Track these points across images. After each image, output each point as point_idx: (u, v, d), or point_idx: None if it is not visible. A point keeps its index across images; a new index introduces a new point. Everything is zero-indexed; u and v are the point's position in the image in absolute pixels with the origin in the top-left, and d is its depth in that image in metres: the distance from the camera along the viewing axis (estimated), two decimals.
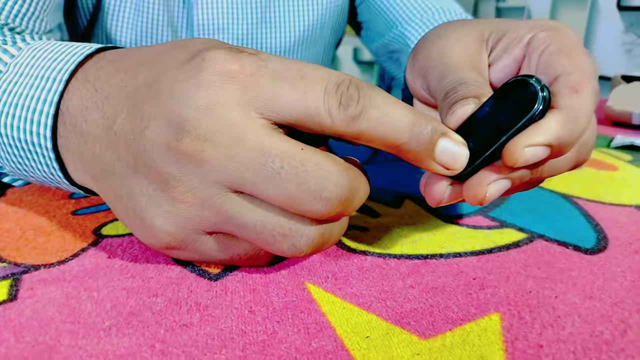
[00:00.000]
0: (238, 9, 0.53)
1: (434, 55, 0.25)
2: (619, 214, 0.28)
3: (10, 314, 0.18)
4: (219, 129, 0.17)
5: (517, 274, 0.21)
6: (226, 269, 0.21)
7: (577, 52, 0.21)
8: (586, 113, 0.19)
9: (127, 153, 0.19)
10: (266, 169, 0.17)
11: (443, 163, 0.18)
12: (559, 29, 0.23)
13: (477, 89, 0.21)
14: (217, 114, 0.17)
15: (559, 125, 0.18)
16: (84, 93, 0.21)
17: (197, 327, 0.17)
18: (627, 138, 0.46)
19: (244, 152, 0.17)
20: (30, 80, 0.23)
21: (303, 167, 0.17)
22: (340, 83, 0.17)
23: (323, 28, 0.60)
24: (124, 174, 0.19)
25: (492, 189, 0.19)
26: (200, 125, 0.17)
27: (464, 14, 0.54)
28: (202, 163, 0.17)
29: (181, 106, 0.17)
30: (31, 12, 0.37)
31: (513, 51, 0.24)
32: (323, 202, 0.17)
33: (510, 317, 0.18)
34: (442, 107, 0.22)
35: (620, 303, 0.19)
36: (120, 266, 0.21)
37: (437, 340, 0.17)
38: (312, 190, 0.17)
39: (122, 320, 0.17)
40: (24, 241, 0.23)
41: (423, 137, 0.18)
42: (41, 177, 0.24)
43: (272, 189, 0.17)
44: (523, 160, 0.18)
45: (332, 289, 0.20)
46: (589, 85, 0.19)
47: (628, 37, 1.24)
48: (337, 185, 0.17)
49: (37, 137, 0.22)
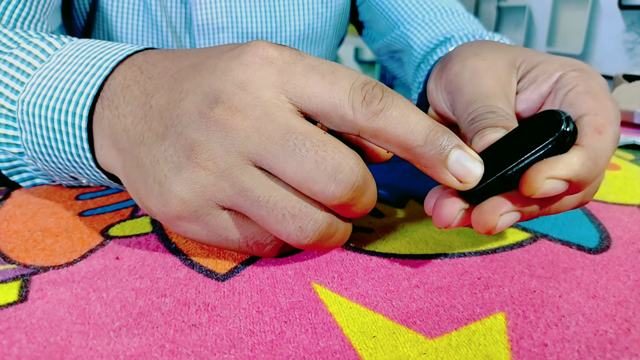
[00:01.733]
0: (237, 8, 0.54)
1: (466, 75, 0.25)
2: (622, 213, 0.28)
3: (22, 315, 0.18)
4: (250, 103, 0.18)
5: (521, 273, 0.21)
6: (233, 270, 0.21)
7: (603, 95, 0.21)
8: (607, 155, 0.19)
9: (159, 123, 0.20)
10: (289, 143, 0.18)
11: (455, 173, 0.18)
12: (589, 71, 0.24)
13: (507, 121, 0.21)
14: (252, 90, 0.18)
15: (581, 162, 0.18)
16: (129, 73, 0.22)
17: (206, 327, 0.17)
18: (629, 137, 0.46)
19: (270, 126, 0.18)
20: (75, 67, 0.24)
21: (324, 146, 0.18)
22: (367, 82, 0.19)
23: (325, 27, 0.60)
24: (153, 142, 0.20)
25: (505, 219, 0.19)
26: (234, 97, 0.18)
27: (466, 14, 0.54)
28: (230, 132, 0.18)
29: (220, 80, 0.19)
30: (32, 15, 0.37)
31: (541, 85, 0.24)
32: (337, 183, 0.18)
33: (515, 317, 0.18)
34: (467, 130, 0.22)
35: (623, 302, 0.19)
36: (128, 267, 0.21)
37: (443, 339, 0.17)
38: (328, 170, 0.18)
39: (131, 321, 0.18)
40: (32, 242, 0.24)
41: (438, 143, 0.18)
42: (65, 163, 0.25)
43: (292, 163, 0.18)
44: (542, 192, 0.18)
45: (338, 289, 0.20)
46: (612, 130, 0.20)
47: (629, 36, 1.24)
48: (352, 170, 0.18)
49: (73, 116, 0.23)
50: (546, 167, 0.18)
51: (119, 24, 0.50)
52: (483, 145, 0.20)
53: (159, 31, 0.52)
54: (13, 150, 0.26)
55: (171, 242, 0.24)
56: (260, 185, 0.19)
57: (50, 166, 0.26)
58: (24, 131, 0.25)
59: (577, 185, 0.18)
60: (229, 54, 0.19)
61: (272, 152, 0.18)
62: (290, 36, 0.57)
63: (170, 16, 0.52)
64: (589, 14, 1.36)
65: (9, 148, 0.26)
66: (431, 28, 0.52)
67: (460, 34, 0.49)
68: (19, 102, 0.24)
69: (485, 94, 0.23)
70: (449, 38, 0.50)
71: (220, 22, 0.53)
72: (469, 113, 0.23)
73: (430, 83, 0.29)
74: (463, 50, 0.28)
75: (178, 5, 0.51)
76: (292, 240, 0.19)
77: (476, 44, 0.29)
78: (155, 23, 0.51)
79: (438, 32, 0.52)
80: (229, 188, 0.19)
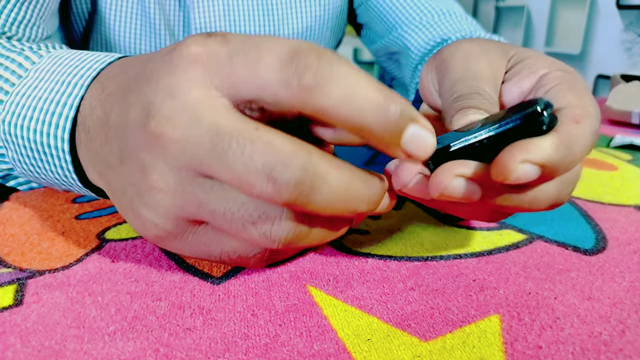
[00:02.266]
0: (235, 11, 0.54)
1: (458, 55, 0.25)
2: (618, 214, 0.28)
3: (17, 319, 0.18)
4: (179, 111, 0.16)
5: (516, 275, 0.21)
6: (228, 273, 0.21)
7: (585, 93, 0.21)
8: (582, 142, 0.18)
9: (117, 146, 0.19)
10: (217, 147, 0.16)
11: (409, 151, 0.17)
12: (574, 73, 0.24)
13: (490, 105, 0.21)
14: (179, 95, 0.17)
15: (555, 146, 0.17)
16: (94, 93, 0.22)
17: (201, 331, 0.17)
18: (627, 137, 0.46)
19: (198, 131, 0.16)
20: (51, 85, 0.23)
21: (251, 145, 0.15)
22: (298, 51, 0.16)
23: (322, 29, 0.60)
24: (116, 166, 0.19)
25: (458, 183, 0.17)
26: (163, 107, 0.17)
27: (464, 15, 0.54)
28: (166, 146, 0.16)
29: (152, 90, 0.17)
30: (27, 19, 0.37)
31: (523, 80, 0.24)
32: (272, 183, 0.15)
33: (510, 319, 0.18)
34: (449, 106, 0.22)
35: (618, 304, 0.19)
36: (124, 270, 0.21)
37: (437, 342, 0.17)
38: (259, 170, 0.15)
39: (126, 325, 0.18)
40: (28, 246, 0.24)
41: (390, 121, 0.16)
42: (54, 180, 0.24)
43: (223, 169, 0.16)
44: (515, 177, 0.16)
45: (333, 292, 0.20)
46: (590, 122, 0.19)
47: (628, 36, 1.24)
48: (285, 165, 0.15)
49: (55, 139, 0.22)
50: (520, 150, 0.16)
51: (117, 28, 0.50)
52: (463, 124, 0.20)
53: (157, 35, 0.52)
54: (2, 167, 0.26)
55: None
56: (214, 197, 0.17)
57: (42, 180, 0.26)
58: (9, 150, 0.24)
59: (552, 170, 0.17)
60: (162, 59, 0.18)
61: (205, 161, 0.16)
62: (289, 37, 0.58)
63: (169, 19, 0.52)
64: (587, 14, 1.36)
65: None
66: (428, 30, 0.53)
67: (458, 36, 0.49)
68: (0, 122, 0.24)
69: (474, 75, 0.23)
70: (446, 40, 0.50)
71: (218, 25, 0.53)
72: (454, 91, 0.22)
73: (423, 71, 0.29)
74: (459, 41, 0.28)
75: (176, 9, 0.52)
76: (264, 246, 0.18)
77: (472, 38, 0.29)
78: (154, 27, 0.51)
79: (435, 34, 0.52)
80: (187, 205, 0.17)
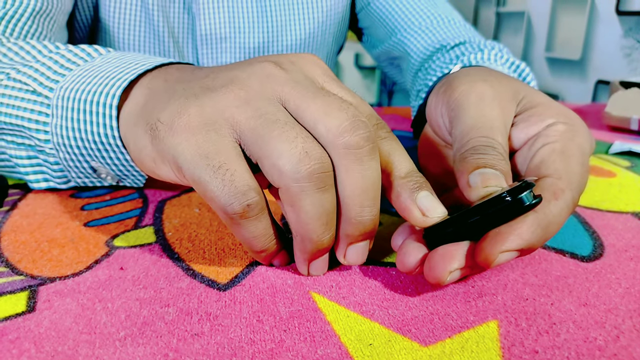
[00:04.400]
0: (240, 18, 0.55)
1: (472, 98, 0.25)
2: (616, 221, 0.29)
3: (30, 325, 0.19)
4: (293, 69, 0.23)
5: (514, 281, 0.22)
6: (234, 279, 0.22)
7: (575, 159, 0.22)
8: (558, 222, 0.20)
9: (205, 72, 0.23)
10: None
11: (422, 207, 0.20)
12: (577, 128, 0.24)
13: (503, 162, 0.21)
14: (297, 64, 0.23)
15: (531, 232, 0.19)
16: (155, 73, 0.25)
17: (208, 337, 0.18)
18: (626, 144, 0.46)
19: (301, 77, 0.22)
20: (119, 63, 0.26)
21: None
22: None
23: (324, 35, 0.61)
24: (192, 79, 0.23)
25: (455, 275, 0.19)
26: (285, 62, 0.23)
27: (462, 22, 0.55)
28: (270, 76, 0.22)
29: (277, 56, 0.23)
30: (39, 31, 0.38)
31: (530, 127, 0.25)
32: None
33: (508, 324, 0.19)
34: (465, 158, 0.22)
35: (613, 309, 0.20)
36: (133, 277, 0.22)
37: (436, 347, 0.17)
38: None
39: (136, 330, 0.18)
40: (39, 253, 0.24)
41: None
42: (90, 144, 0.26)
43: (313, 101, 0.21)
44: (496, 264, 0.19)
45: (336, 297, 0.20)
46: (570, 195, 0.21)
47: (627, 42, 1.25)
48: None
49: (106, 96, 0.25)
50: (499, 241, 0.18)
51: (121, 36, 0.51)
52: (480, 188, 0.20)
53: (161, 42, 0.53)
54: (40, 137, 0.28)
55: (174, 252, 0.24)
56: (284, 117, 0.20)
57: (74, 153, 0.28)
58: (55, 117, 0.27)
59: (528, 251, 0.19)
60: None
61: (299, 94, 0.21)
62: (291, 45, 0.58)
63: (173, 26, 0.53)
64: (587, 20, 1.37)
65: (37, 134, 0.28)
66: (427, 35, 0.53)
67: (456, 41, 0.50)
68: (58, 89, 0.27)
69: (489, 124, 0.23)
70: (445, 45, 0.50)
71: (223, 32, 0.54)
72: (470, 138, 0.23)
73: (431, 97, 0.29)
74: (470, 72, 0.28)
75: (181, 16, 0.52)
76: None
77: (483, 70, 0.29)
78: (157, 34, 0.52)
79: (434, 39, 0.53)
80: (252, 111, 0.20)
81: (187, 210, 0.30)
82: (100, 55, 0.28)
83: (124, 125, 0.24)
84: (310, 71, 0.23)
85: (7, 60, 0.30)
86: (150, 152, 0.22)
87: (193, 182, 0.20)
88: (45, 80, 0.28)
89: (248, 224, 0.20)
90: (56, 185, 0.31)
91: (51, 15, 0.40)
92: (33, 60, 0.29)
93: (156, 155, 0.21)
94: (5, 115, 0.28)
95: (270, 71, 0.21)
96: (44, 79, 0.28)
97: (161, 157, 0.21)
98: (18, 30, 0.37)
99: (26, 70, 0.28)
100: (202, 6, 0.52)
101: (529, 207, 0.19)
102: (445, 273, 0.19)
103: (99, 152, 0.27)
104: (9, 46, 0.31)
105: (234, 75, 0.22)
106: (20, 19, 0.36)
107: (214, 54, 0.55)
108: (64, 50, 0.29)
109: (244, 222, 0.20)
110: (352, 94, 0.23)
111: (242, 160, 0.20)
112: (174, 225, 0.28)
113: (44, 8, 0.39)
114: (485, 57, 0.42)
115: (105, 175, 0.30)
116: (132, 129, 0.23)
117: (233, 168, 0.19)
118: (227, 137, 0.20)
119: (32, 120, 0.27)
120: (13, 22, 0.36)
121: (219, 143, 0.20)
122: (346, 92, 0.23)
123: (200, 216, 0.29)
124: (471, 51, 0.45)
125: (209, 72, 0.23)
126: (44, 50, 0.30)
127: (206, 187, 0.19)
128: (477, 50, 0.45)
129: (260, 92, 0.21)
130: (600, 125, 0.58)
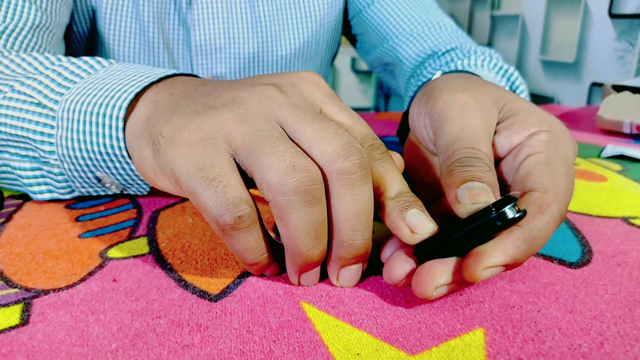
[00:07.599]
0: (234, 29, 0.55)
1: (455, 108, 0.25)
2: (605, 226, 0.29)
3: (24, 338, 0.19)
4: (294, 93, 0.23)
5: (502, 288, 0.22)
6: (225, 290, 0.22)
7: (561, 170, 0.22)
8: (544, 236, 0.20)
9: (209, 88, 0.24)
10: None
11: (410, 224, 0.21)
12: (560, 137, 0.24)
13: (489, 173, 0.21)
14: (299, 88, 0.24)
15: (516, 247, 0.19)
16: (159, 86, 0.26)
17: (198, 348, 0.18)
18: (617, 148, 0.47)
19: (299, 99, 0.23)
20: (123, 76, 0.27)
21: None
22: None
23: (318, 44, 0.61)
24: (196, 96, 0.23)
25: (441, 291, 0.20)
26: (288, 87, 0.24)
27: (454, 28, 0.56)
28: (271, 98, 0.22)
29: (276, 76, 0.25)
30: (39, 44, 0.38)
31: (513, 136, 0.25)
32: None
33: (494, 332, 0.19)
34: (451, 171, 0.22)
35: (599, 316, 0.20)
36: (125, 289, 0.22)
37: (423, 356, 0.18)
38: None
39: (127, 342, 0.18)
40: (34, 265, 0.24)
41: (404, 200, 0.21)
42: (95, 154, 0.27)
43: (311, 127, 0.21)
44: (482, 279, 0.19)
45: (326, 307, 0.21)
46: (556, 209, 0.21)
47: (620, 45, 1.26)
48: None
49: (112, 108, 0.25)
50: (484, 258, 0.19)
51: (116, 47, 0.52)
52: (468, 202, 0.20)
53: (155, 53, 0.53)
54: (45, 148, 0.28)
55: (167, 262, 0.25)
56: (277, 134, 0.20)
57: (78, 163, 0.28)
58: (60, 128, 0.27)
59: (513, 265, 0.20)
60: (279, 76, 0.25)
61: (294, 116, 0.21)
62: (286, 55, 0.59)
63: (168, 38, 0.53)
64: (581, 23, 1.38)
65: (41, 145, 0.28)
66: (419, 42, 0.54)
67: (447, 47, 0.50)
68: (63, 101, 0.27)
69: (473, 134, 0.23)
70: (436, 52, 0.51)
71: (218, 42, 0.54)
72: (454, 150, 0.23)
73: (413, 107, 0.29)
74: (451, 82, 0.28)
75: (176, 27, 0.53)
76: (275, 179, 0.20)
77: (463, 78, 0.29)
78: (152, 45, 0.53)
79: (426, 45, 0.53)
80: (248, 128, 0.20)
81: (180, 220, 0.30)
82: (104, 68, 0.29)
83: (129, 136, 0.25)
84: (310, 93, 0.24)
85: (9, 72, 0.31)
86: (151, 164, 0.22)
87: (188, 193, 0.20)
88: (49, 92, 0.28)
89: (239, 236, 0.20)
90: (60, 196, 0.32)
91: (50, 29, 0.41)
92: (37, 73, 0.29)
93: (157, 168, 0.22)
94: (10, 127, 0.28)
95: (270, 94, 0.22)
96: (48, 92, 0.28)
97: (161, 169, 0.22)
98: (18, 44, 0.37)
99: (30, 83, 0.29)
100: (197, 17, 0.53)
101: (512, 221, 0.19)
102: (431, 288, 0.19)
103: (104, 163, 0.27)
104: (11, 58, 0.32)
105: (236, 95, 0.22)
106: (20, 33, 0.37)
107: (209, 64, 0.55)
108: (67, 63, 0.29)
109: (235, 234, 0.20)
110: (350, 114, 0.24)
111: (235, 173, 0.20)
112: (167, 235, 0.28)
113: (43, 22, 0.40)
114: (472, 62, 0.43)
115: (110, 185, 0.30)
116: (137, 140, 0.24)
117: (226, 180, 0.20)
118: (223, 152, 0.20)
119: (37, 132, 0.28)
120: (14, 35, 0.37)
121: (214, 157, 0.20)
122: (345, 112, 0.24)
123: (193, 226, 0.29)
124: (461, 57, 0.46)
125: (213, 89, 0.23)
126: (46, 62, 0.31)
127: (199, 198, 0.20)
128: (465, 56, 0.46)
129: (258, 112, 0.21)
130: (594, 128, 0.59)
